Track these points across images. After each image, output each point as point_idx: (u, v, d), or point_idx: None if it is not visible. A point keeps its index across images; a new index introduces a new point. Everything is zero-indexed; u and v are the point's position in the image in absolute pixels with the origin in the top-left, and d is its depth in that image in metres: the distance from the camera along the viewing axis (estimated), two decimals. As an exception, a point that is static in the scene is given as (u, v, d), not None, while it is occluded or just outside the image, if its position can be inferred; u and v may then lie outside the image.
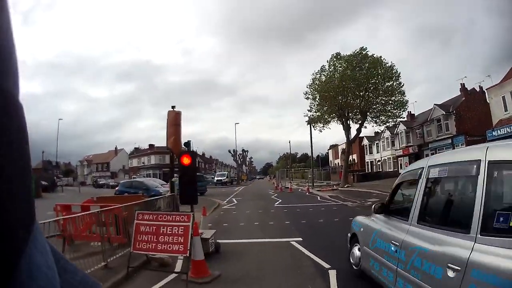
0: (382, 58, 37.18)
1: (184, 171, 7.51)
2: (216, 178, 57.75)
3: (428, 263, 3.49)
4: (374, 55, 37.31)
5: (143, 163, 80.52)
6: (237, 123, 72.19)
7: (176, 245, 6.01)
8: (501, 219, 2.74)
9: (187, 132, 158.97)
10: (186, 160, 7.43)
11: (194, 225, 6.25)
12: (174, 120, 10.74)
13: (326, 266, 6.81)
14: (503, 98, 28.29)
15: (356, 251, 6.04)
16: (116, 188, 26.82)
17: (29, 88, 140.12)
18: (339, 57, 38.13)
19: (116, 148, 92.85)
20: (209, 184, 52.51)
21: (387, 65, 36.98)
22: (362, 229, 5.85)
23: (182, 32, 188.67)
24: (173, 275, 6.60)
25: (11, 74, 0.37)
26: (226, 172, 69.03)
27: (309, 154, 51.69)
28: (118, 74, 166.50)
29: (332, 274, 6.30)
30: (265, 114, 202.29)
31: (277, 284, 5.98)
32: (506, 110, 28.02)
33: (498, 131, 26.87)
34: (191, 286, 5.99)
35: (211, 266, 6.69)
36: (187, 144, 7.27)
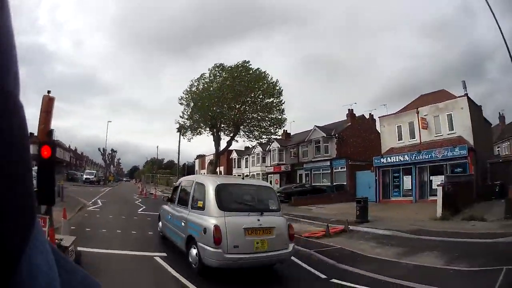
0: (267, 73, 36.22)
1: (43, 165, 5.92)
2: (85, 176, 54.07)
3: (176, 220, 8.67)
4: (258, 70, 36.11)
5: None
6: (110, 121, 68.70)
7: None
8: (197, 203, 7.79)
9: (61, 125, 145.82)
10: (45, 152, 5.94)
11: (50, 231, 5.23)
12: (46, 106, 9.28)
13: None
14: (399, 127, 30.04)
15: (160, 224, 10.93)
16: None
17: None
18: (221, 67, 36.72)
19: None
20: (77, 182, 50.04)
21: (271, 81, 36.18)
22: (162, 211, 10.79)
23: (78, 23, 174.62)
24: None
25: (11, 74, 0.37)
26: (95, 171, 64.80)
27: (176, 161, 50.60)
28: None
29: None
30: (137, 118, 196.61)
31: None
32: (400, 139, 29.83)
33: (388, 158, 28.43)
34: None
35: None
36: (50, 133, 5.99)
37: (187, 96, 37.94)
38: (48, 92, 9.58)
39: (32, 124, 6.84)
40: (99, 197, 26.45)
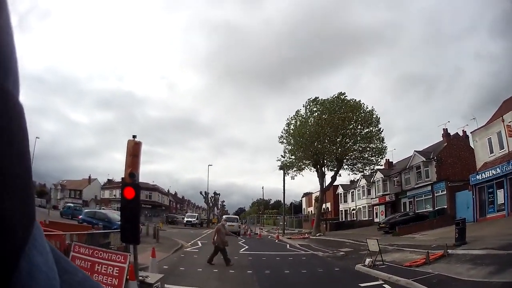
0: (362, 103, 36.28)
1: (126, 205, 6.44)
2: (186, 219, 56.25)
3: None
4: (353, 100, 36.25)
5: (114, 195, 77.30)
6: (210, 165, 72.04)
7: (109, 287, 5.13)
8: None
9: (162, 169, 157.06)
10: (129, 193, 6.42)
11: (130, 267, 5.36)
12: (132, 151, 9.93)
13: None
14: (489, 140, 27.99)
15: None
16: (80, 217, 25.43)
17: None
18: (316, 101, 37.32)
19: (90, 177, 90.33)
20: (178, 225, 52.30)
21: (367, 109, 36.09)
22: None
23: (166, 66, 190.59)
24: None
25: (11, 74, 0.37)
26: (197, 214, 67.53)
27: (282, 201, 50.98)
28: (98, 100, 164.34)
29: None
30: (241, 157, 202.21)
31: None
32: (491, 152, 27.65)
33: (483, 174, 26.49)
34: None
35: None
36: (133, 175, 6.29)
37: (286, 134, 38.90)
38: (134, 136, 10.32)
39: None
40: (199, 239, 27.26)
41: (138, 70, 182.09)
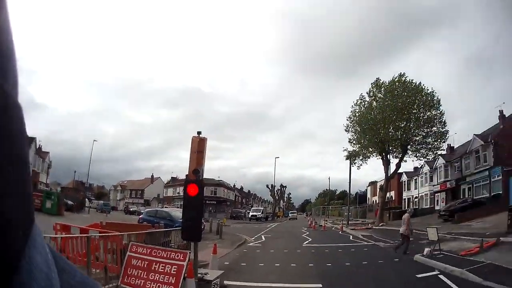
0: (422, 85, 35.32)
1: (189, 202, 6.62)
2: (250, 213, 56.09)
3: None
4: (413, 82, 35.32)
5: (178, 193, 77.24)
6: (277, 157, 71.04)
7: (166, 286, 5.44)
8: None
9: (230, 164, 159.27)
10: (192, 190, 6.59)
11: (189, 264, 5.64)
12: (197, 147, 10.31)
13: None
14: None
15: None
16: (140, 216, 24.95)
17: (69, 106, 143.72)
18: (378, 84, 36.75)
19: (152, 176, 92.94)
20: (243, 219, 53.17)
21: (427, 92, 35.06)
22: None
23: (238, 61, 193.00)
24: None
25: (11, 75, 0.38)
26: (262, 208, 66.72)
27: (348, 191, 50.12)
28: (165, 100, 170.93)
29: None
30: (309, 150, 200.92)
31: None
32: None
33: None
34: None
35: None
36: (196, 171, 6.56)
37: (351, 122, 38.64)
38: (198, 133, 10.71)
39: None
40: (263, 233, 27.55)
41: (206, 65, 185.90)
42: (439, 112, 35.00)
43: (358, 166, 39.69)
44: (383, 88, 36.18)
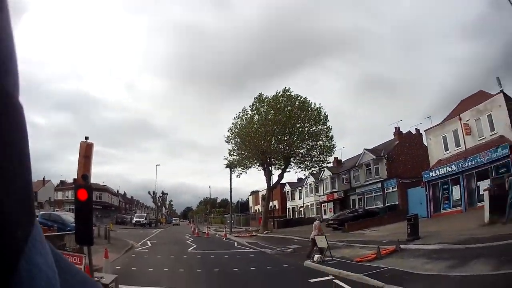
0: (308, 100, 36.26)
1: (80, 207, 6.53)
2: (135, 219, 55.49)
3: None
4: (299, 97, 36.12)
5: (67, 196, 75.97)
6: (158, 165, 70.93)
7: (62, 290, 5.33)
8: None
9: (114, 170, 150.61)
10: (82, 195, 6.46)
11: (86, 268, 5.66)
12: (85, 152, 10.01)
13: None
14: (444, 138, 28.99)
15: None
16: (36, 219, 23.93)
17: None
18: (261, 98, 37.21)
19: (44, 178, 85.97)
20: (127, 225, 51.86)
21: (314, 107, 36.20)
22: None
23: (125, 67, 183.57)
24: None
25: (11, 75, 0.37)
26: (145, 214, 66.28)
27: (229, 199, 51.23)
28: (56, 102, 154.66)
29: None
30: (192, 158, 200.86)
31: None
32: (446, 149, 28.62)
33: (437, 171, 27.67)
34: None
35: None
36: (85, 177, 6.54)
37: (232, 134, 38.71)
38: (86, 138, 10.40)
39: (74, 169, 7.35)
40: (148, 239, 27.14)
41: (95, 70, 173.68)
42: (326, 127, 36.61)
43: (238, 175, 39.86)
44: (265, 102, 36.59)
